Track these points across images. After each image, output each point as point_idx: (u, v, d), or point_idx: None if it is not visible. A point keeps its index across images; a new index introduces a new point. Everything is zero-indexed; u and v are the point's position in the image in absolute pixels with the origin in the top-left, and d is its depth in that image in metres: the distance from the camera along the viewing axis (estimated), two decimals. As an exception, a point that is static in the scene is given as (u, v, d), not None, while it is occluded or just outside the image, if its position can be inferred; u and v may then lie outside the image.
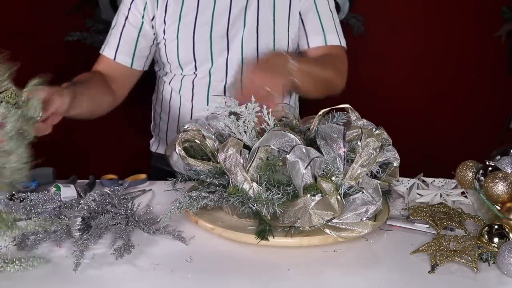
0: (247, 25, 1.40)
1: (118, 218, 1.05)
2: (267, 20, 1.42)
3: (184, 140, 1.10)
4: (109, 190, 1.12)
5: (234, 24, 1.40)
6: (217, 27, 1.40)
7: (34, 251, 0.98)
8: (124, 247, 0.97)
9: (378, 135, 1.09)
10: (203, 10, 1.40)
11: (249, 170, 0.98)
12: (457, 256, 0.93)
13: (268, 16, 1.42)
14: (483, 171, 1.14)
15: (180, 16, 1.41)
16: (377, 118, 1.16)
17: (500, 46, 2.52)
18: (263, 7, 1.41)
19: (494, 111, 2.59)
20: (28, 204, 1.05)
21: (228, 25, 1.40)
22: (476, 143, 2.26)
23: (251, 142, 1.07)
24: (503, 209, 1.06)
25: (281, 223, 0.96)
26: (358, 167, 0.99)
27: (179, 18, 1.41)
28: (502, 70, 2.56)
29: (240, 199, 0.96)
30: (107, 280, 0.90)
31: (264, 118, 1.08)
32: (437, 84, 2.61)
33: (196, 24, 1.40)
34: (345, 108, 1.14)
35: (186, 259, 0.96)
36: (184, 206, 1.00)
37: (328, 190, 0.94)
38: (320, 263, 0.95)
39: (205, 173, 1.05)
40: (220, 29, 1.40)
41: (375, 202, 0.98)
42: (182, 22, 1.41)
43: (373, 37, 2.53)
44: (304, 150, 0.96)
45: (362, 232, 0.98)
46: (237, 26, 1.40)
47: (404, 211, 1.16)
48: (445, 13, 2.51)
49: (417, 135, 2.55)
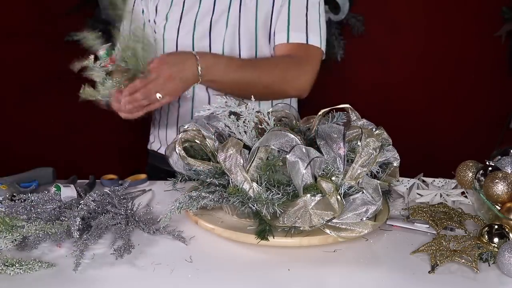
0: (228, 26, 1.39)
1: (118, 218, 1.05)
2: (249, 20, 1.39)
3: (184, 140, 1.10)
4: (109, 190, 1.13)
5: (216, 24, 1.39)
6: (199, 28, 1.40)
7: (34, 252, 0.98)
8: (124, 247, 0.97)
9: (378, 135, 1.09)
10: (188, 10, 1.41)
11: (249, 170, 0.98)
12: (457, 256, 0.93)
13: (250, 17, 1.39)
14: (483, 171, 1.14)
15: (166, 16, 1.42)
16: (377, 118, 1.16)
17: (500, 46, 2.52)
18: (245, 7, 1.39)
19: (494, 111, 2.59)
20: (28, 204, 1.05)
21: (210, 26, 1.39)
22: (476, 143, 2.26)
23: (251, 142, 1.07)
24: (503, 209, 1.06)
25: (281, 223, 0.96)
26: (358, 167, 0.99)
27: (165, 18, 1.42)
28: (502, 70, 2.56)
29: (240, 199, 0.96)
30: (107, 280, 0.90)
31: (264, 118, 1.08)
32: (437, 84, 2.61)
33: (180, 25, 1.40)
34: (345, 108, 1.14)
35: (186, 259, 0.96)
36: (184, 206, 1.00)
37: (328, 190, 0.94)
38: (320, 263, 0.95)
39: (205, 173, 1.05)
40: (202, 30, 1.39)
41: (375, 202, 0.98)
42: (168, 22, 1.42)
43: (373, 37, 2.53)
44: (304, 150, 0.96)
45: (362, 232, 0.98)
46: (219, 27, 1.39)
47: (404, 211, 1.16)
48: (445, 13, 2.51)
49: (417, 135, 2.55)
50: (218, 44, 1.40)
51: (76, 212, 1.01)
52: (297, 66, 1.35)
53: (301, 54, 1.36)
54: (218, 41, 1.39)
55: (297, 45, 1.37)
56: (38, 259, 0.93)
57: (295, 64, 1.35)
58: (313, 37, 1.38)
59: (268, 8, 1.40)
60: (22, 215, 1.03)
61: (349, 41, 2.50)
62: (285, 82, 1.34)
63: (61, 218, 1.03)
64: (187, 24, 1.40)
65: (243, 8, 1.39)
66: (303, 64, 1.36)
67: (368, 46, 2.54)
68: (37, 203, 1.05)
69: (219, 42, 1.39)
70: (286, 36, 1.37)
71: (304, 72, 1.36)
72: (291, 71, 1.34)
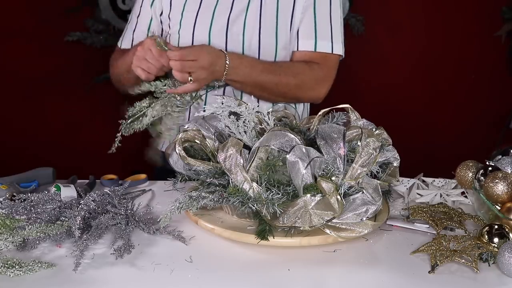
0: (247, 26, 1.39)
1: (118, 218, 1.05)
2: (268, 21, 1.39)
3: (184, 140, 1.10)
4: (109, 190, 1.12)
5: (234, 23, 1.39)
6: (216, 26, 1.39)
7: (34, 252, 0.98)
8: (124, 247, 0.97)
9: (378, 135, 1.09)
10: (205, 7, 1.40)
11: (249, 170, 0.98)
12: (457, 256, 0.93)
13: (270, 17, 1.39)
14: (483, 171, 1.14)
15: (182, 13, 1.42)
16: (377, 118, 1.16)
17: (500, 46, 2.52)
18: (265, 8, 1.38)
19: (494, 111, 2.59)
20: (28, 204, 1.05)
21: (227, 25, 1.39)
22: (476, 143, 2.26)
23: (251, 142, 1.07)
24: (503, 209, 1.06)
25: (281, 223, 0.96)
26: (358, 167, 0.99)
27: (181, 14, 1.42)
28: (502, 70, 2.56)
29: (240, 199, 0.96)
30: (107, 280, 0.90)
31: (264, 118, 1.08)
32: (437, 84, 2.61)
33: (196, 22, 1.40)
34: (345, 108, 1.14)
35: (186, 259, 0.96)
36: (184, 206, 1.00)
37: (328, 190, 0.94)
38: (320, 263, 0.95)
39: (205, 173, 1.05)
40: (219, 28, 1.39)
41: (375, 202, 0.97)
42: (184, 18, 1.41)
43: (373, 37, 2.53)
44: (304, 150, 0.96)
45: (362, 232, 0.98)
46: (236, 26, 1.39)
47: (404, 211, 1.16)
48: (445, 13, 2.51)
49: (417, 135, 2.55)
50: (236, 43, 1.39)
51: (76, 212, 1.01)
52: (315, 77, 1.39)
53: (323, 63, 1.41)
54: (236, 40, 1.39)
55: (322, 54, 1.41)
56: (38, 259, 0.93)
57: (314, 75, 1.39)
58: (337, 45, 1.42)
59: (289, 8, 1.40)
60: (22, 215, 1.03)
61: (349, 41, 2.48)
62: (300, 91, 1.39)
63: (61, 218, 1.03)
64: (204, 21, 1.40)
65: (264, 8, 1.38)
66: (321, 75, 1.41)
67: (368, 46, 2.53)
68: (37, 203, 1.05)
69: (237, 41, 1.39)
70: (313, 45, 1.40)
71: (321, 83, 1.41)
72: (308, 82, 1.39)
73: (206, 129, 1.11)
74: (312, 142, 1.06)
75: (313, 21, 1.40)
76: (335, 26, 1.43)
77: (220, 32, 1.39)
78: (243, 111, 1.07)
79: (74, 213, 1.01)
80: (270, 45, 1.39)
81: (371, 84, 2.58)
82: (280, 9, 1.39)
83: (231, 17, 1.39)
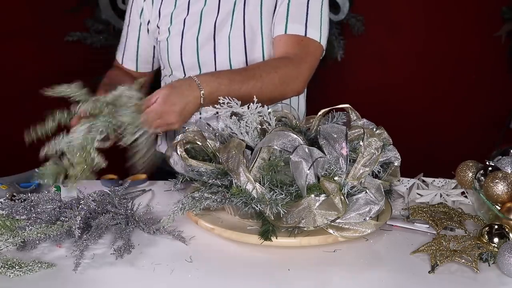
0: (233, 27, 1.37)
1: (118, 218, 1.05)
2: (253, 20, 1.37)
3: (185, 141, 1.10)
4: (109, 190, 1.12)
5: (221, 26, 1.37)
6: (205, 30, 1.38)
7: (34, 252, 0.98)
8: (124, 247, 0.97)
9: (378, 135, 1.09)
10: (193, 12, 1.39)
11: (252, 170, 0.98)
12: (457, 256, 0.93)
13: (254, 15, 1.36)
14: (483, 171, 1.14)
15: (171, 20, 1.41)
16: (377, 118, 1.16)
17: (500, 46, 2.52)
18: (248, 8, 1.36)
19: (494, 111, 2.59)
20: (28, 204, 1.05)
21: (214, 28, 1.37)
22: (476, 143, 2.26)
23: (253, 142, 1.07)
24: (503, 209, 1.06)
25: (285, 223, 0.96)
26: (360, 167, 0.99)
27: (170, 21, 1.41)
28: (502, 70, 2.56)
29: (244, 199, 0.96)
30: (107, 280, 0.90)
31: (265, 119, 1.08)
32: (437, 84, 2.61)
33: (185, 28, 1.39)
34: (345, 108, 1.14)
35: (186, 259, 0.96)
36: (187, 208, 1.00)
37: (332, 190, 0.94)
38: (320, 263, 0.95)
39: (208, 174, 1.04)
40: (207, 31, 1.38)
41: (378, 202, 0.97)
42: (172, 25, 1.41)
43: (373, 37, 2.53)
44: (307, 151, 0.96)
45: (365, 232, 0.98)
46: (224, 29, 1.37)
47: (404, 211, 1.16)
48: (445, 13, 2.51)
49: (417, 135, 2.55)
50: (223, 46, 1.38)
51: (76, 211, 1.01)
52: (294, 68, 1.29)
53: (299, 51, 1.31)
54: (224, 43, 1.37)
55: (295, 38, 1.31)
56: (38, 259, 0.93)
57: (293, 66, 1.29)
58: (312, 31, 1.32)
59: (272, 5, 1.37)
60: (22, 215, 1.03)
61: (349, 41, 2.49)
62: (284, 87, 1.29)
63: (61, 218, 1.03)
64: (192, 26, 1.39)
65: (247, 8, 1.37)
66: (300, 64, 1.30)
67: (368, 46, 2.53)
68: (37, 203, 1.05)
69: (225, 44, 1.37)
70: (284, 28, 1.32)
71: (301, 73, 1.31)
72: (289, 75, 1.29)
73: (206, 130, 1.11)
74: (313, 142, 1.06)
75: (286, 7, 1.34)
76: (312, 13, 1.33)
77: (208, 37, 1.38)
78: (245, 111, 1.07)
79: (74, 213, 1.01)
80: (257, 44, 1.38)
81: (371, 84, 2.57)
82: (264, 8, 1.37)
83: (217, 20, 1.38)
